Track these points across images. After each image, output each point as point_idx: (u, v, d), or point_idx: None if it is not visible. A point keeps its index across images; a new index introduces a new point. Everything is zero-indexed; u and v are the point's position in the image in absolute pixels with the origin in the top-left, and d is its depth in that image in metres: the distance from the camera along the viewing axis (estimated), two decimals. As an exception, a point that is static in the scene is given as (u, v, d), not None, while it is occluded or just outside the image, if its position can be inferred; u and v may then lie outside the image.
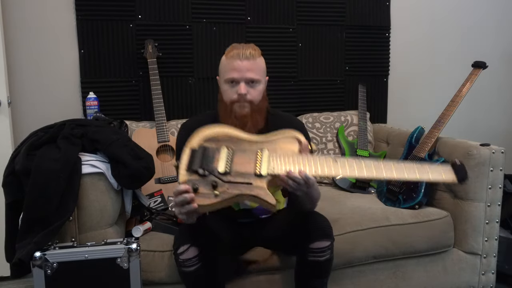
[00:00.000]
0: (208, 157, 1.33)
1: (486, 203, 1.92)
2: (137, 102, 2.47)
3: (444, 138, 2.10)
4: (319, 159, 1.32)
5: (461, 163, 1.31)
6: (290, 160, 1.33)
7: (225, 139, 1.39)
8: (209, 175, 1.29)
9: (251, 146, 1.38)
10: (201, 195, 1.27)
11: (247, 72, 1.49)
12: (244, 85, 1.49)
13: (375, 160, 1.33)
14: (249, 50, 1.50)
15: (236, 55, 1.49)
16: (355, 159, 1.32)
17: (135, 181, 1.67)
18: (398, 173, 1.30)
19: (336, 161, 1.31)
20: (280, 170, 1.31)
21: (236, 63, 1.49)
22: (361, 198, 2.16)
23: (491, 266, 2.00)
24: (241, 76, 1.48)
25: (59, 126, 1.68)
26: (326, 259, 1.49)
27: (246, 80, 1.49)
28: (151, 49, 2.35)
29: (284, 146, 1.38)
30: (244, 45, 1.53)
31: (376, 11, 2.79)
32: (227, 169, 1.31)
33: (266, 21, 2.61)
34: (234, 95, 1.50)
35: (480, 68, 2.20)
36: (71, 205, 1.52)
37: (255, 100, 1.51)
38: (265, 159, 1.34)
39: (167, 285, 1.65)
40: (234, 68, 1.49)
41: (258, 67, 1.52)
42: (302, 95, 2.72)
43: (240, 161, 1.34)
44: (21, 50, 2.34)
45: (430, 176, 1.31)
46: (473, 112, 3.07)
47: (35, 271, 1.42)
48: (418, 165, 1.31)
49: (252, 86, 1.51)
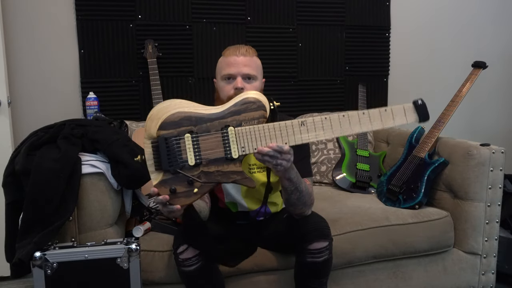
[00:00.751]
0: (173, 149, 1.27)
1: (486, 203, 1.92)
2: (137, 102, 2.47)
3: (444, 138, 2.10)
4: (286, 125, 1.29)
5: (423, 102, 1.29)
6: (257, 133, 1.28)
7: (184, 119, 1.28)
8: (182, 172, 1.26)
9: (214, 123, 1.29)
10: (181, 195, 1.26)
11: (243, 67, 1.50)
12: (241, 79, 1.50)
13: (341, 115, 1.29)
14: (246, 48, 1.53)
15: (232, 52, 1.52)
16: (321, 117, 1.29)
17: (135, 181, 1.66)
18: (365, 126, 1.28)
19: (304, 124, 1.29)
20: (250, 148, 1.28)
21: (233, 59, 1.50)
22: (361, 198, 2.16)
23: (491, 266, 2.00)
24: (238, 71, 1.50)
25: (59, 126, 1.68)
26: (325, 260, 1.48)
27: (242, 75, 1.50)
28: (151, 49, 2.36)
29: (248, 115, 1.30)
30: (239, 45, 1.56)
31: (376, 11, 2.79)
32: (198, 160, 1.27)
33: (266, 21, 2.61)
34: (231, 90, 1.50)
35: (480, 68, 2.20)
36: (71, 205, 1.51)
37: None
38: (232, 139, 1.28)
39: (167, 285, 1.65)
40: (230, 64, 1.50)
41: (255, 64, 1.54)
42: (302, 95, 2.72)
43: (208, 145, 1.28)
44: (21, 50, 2.34)
45: (395, 122, 1.29)
46: (473, 112, 3.07)
47: (35, 271, 1.42)
48: (382, 111, 1.28)
49: (249, 82, 1.52)
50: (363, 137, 2.50)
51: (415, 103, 1.29)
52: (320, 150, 2.49)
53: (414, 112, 1.29)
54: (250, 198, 1.62)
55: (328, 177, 2.43)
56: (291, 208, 1.49)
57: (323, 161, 2.46)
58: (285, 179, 1.38)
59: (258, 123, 1.29)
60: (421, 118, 1.29)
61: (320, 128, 1.29)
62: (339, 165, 2.41)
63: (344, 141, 2.48)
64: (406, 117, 1.29)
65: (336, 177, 2.36)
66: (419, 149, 2.08)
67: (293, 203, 1.46)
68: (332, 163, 2.45)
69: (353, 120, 1.28)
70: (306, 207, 1.49)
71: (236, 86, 1.49)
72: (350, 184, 2.33)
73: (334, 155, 2.48)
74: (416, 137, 2.19)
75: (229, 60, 1.51)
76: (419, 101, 1.29)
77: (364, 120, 1.28)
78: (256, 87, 1.53)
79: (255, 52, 1.57)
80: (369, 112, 1.28)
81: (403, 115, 1.29)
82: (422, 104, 1.29)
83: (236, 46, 1.55)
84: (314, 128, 1.29)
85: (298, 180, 1.41)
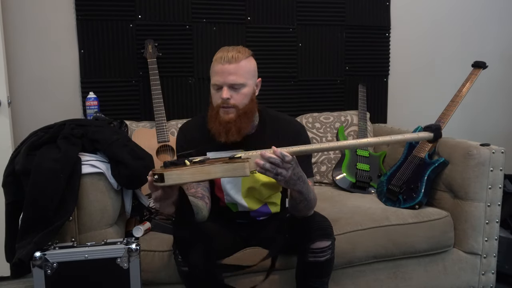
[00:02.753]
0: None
1: (486, 203, 1.92)
2: (137, 102, 2.47)
3: (444, 138, 2.10)
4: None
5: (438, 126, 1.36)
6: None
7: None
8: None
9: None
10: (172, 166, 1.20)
11: (228, 76, 1.45)
12: (227, 90, 1.46)
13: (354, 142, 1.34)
14: (232, 53, 1.46)
15: (219, 58, 1.47)
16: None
17: (135, 181, 1.66)
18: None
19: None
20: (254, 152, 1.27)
21: (219, 67, 1.46)
22: (361, 198, 2.16)
23: (491, 266, 2.00)
24: (223, 80, 1.46)
25: (59, 126, 1.68)
26: (327, 259, 1.49)
27: (228, 85, 1.46)
28: (151, 49, 2.36)
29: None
30: (229, 48, 1.49)
31: (376, 11, 2.79)
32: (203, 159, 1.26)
33: (266, 21, 2.61)
34: (219, 99, 1.49)
35: (480, 68, 2.20)
36: (71, 205, 1.52)
37: (240, 104, 1.48)
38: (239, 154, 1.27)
39: (167, 285, 1.65)
40: (217, 73, 1.47)
41: (243, 70, 1.47)
42: (302, 95, 2.72)
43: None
44: (21, 50, 2.34)
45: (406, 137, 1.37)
46: (473, 112, 3.07)
47: (35, 271, 1.42)
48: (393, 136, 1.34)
49: (236, 91, 1.47)
50: (363, 137, 2.50)
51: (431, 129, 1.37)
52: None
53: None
54: (251, 198, 1.63)
55: (328, 177, 2.43)
56: (295, 212, 1.50)
57: (323, 161, 2.46)
58: (296, 191, 1.37)
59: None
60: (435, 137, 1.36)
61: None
62: (339, 165, 2.41)
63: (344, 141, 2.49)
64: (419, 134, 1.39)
65: (336, 177, 2.36)
66: (419, 149, 2.08)
67: (299, 210, 1.47)
68: (332, 163, 2.46)
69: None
70: (310, 210, 1.50)
71: (222, 96, 1.46)
72: (350, 184, 2.33)
73: (334, 155, 2.48)
74: (416, 137, 2.19)
75: (215, 69, 1.48)
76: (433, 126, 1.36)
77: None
78: (245, 94, 1.49)
79: (246, 53, 1.49)
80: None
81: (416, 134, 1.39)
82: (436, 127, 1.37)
83: (224, 51, 1.48)
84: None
85: (308, 191, 1.39)
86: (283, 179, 1.27)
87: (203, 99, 2.56)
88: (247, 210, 1.63)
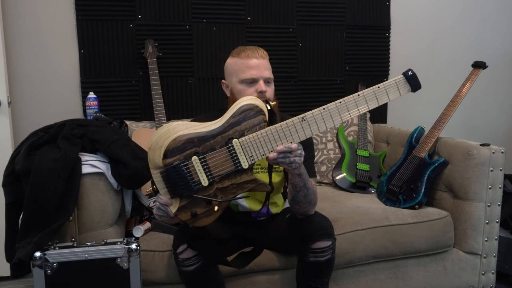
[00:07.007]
0: (184, 175, 1.26)
1: (486, 203, 1.92)
2: (137, 102, 2.47)
3: (444, 138, 2.10)
4: (287, 124, 1.29)
5: (413, 72, 1.29)
6: (261, 139, 1.29)
7: (187, 143, 1.27)
8: (198, 196, 1.27)
9: (217, 139, 1.29)
10: (202, 216, 1.28)
11: (265, 71, 1.51)
12: (263, 82, 1.50)
13: (338, 102, 1.31)
14: (262, 50, 1.54)
15: (251, 54, 1.51)
16: (319, 109, 1.30)
17: (135, 181, 1.66)
18: (362, 108, 1.30)
19: (304, 120, 1.29)
20: (258, 155, 1.29)
21: (254, 62, 1.50)
22: (361, 198, 2.16)
23: (491, 266, 2.00)
24: (260, 74, 1.50)
25: (59, 126, 1.68)
26: (328, 259, 1.49)
27: (264, 78, 1.51)
28: (151, 49, 2.36)
29: (248, 123, 1.30)
30: (252, 47, 1.55)
31: (376, 11, 2.80)
32: (210, 179, 1.28)
33: (266, 21, 2.61)
34: (253, 94, 1.49)
35: (480, 68, 2.20)
36: (71, 205, 1.52)
37: (271, 98, 1.52)
38: (238, 151, 1.29)
39: (167, 285, 1.65)
40: (252, 67, 1.49)
41: (270, 67, 1.55)
42: (302, 95, 2.72)
43: (216, 163, 1.28)
44: (21, 50, 2.34)
45: (390, 97, 1.31)
46: (473, 112, 3.07)
47: (35, 271, 1.42)
48: (376, 90, 1.30)
49: (268, 85, 1.53)
50: (363, 137, 2.51)
51: (406, 74, 1.29)
52: (320, 150, 2.49)
53: (406, 84, 1.30)
54: (251, 198, 1.62)
55: (328, 177, 2.43)
56: (296, 206, 1.49)
57: (323, 161, 2.46)
58: (296, 175, 1.39)
59: (259, 128, 1.30)
60: (414, 88, 1.31)
61: (321, 120, 1.30)
62: (339, 165, 2.41)
63: (344, 141, 2.48)
64: (399, 90, 1.31)
65: (336, 177, 2.36)
66: (419, 149, 2.08)
67: (299, 201, 1.46)
68: (332, 163, 2.46)
69: (350, 105, 1.30)
70: (311, 205, 1.49)
71: (260, 89, 1.48)
72: (350, 184, 2.33)
73: (334, 155, 2.48)
74: (416, 137, 2.19)
75: (249, 63, 1.50)
76: (409, 72, 1.29)
77: (360, 102, 1.30)
78: (273, 90, 1.56)
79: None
80: (364, 93, 1.30)
81: (395, 89, 1.31)
82: (412, 74, 1.29)
83: (253, 48, 1.53)
84: (315, 121, 1.30)
85: (306, 176, 1.43)
86: (298, 165, 1.33)
87: (203, 99, 2.56)
88: (248, 210, 1.63)
